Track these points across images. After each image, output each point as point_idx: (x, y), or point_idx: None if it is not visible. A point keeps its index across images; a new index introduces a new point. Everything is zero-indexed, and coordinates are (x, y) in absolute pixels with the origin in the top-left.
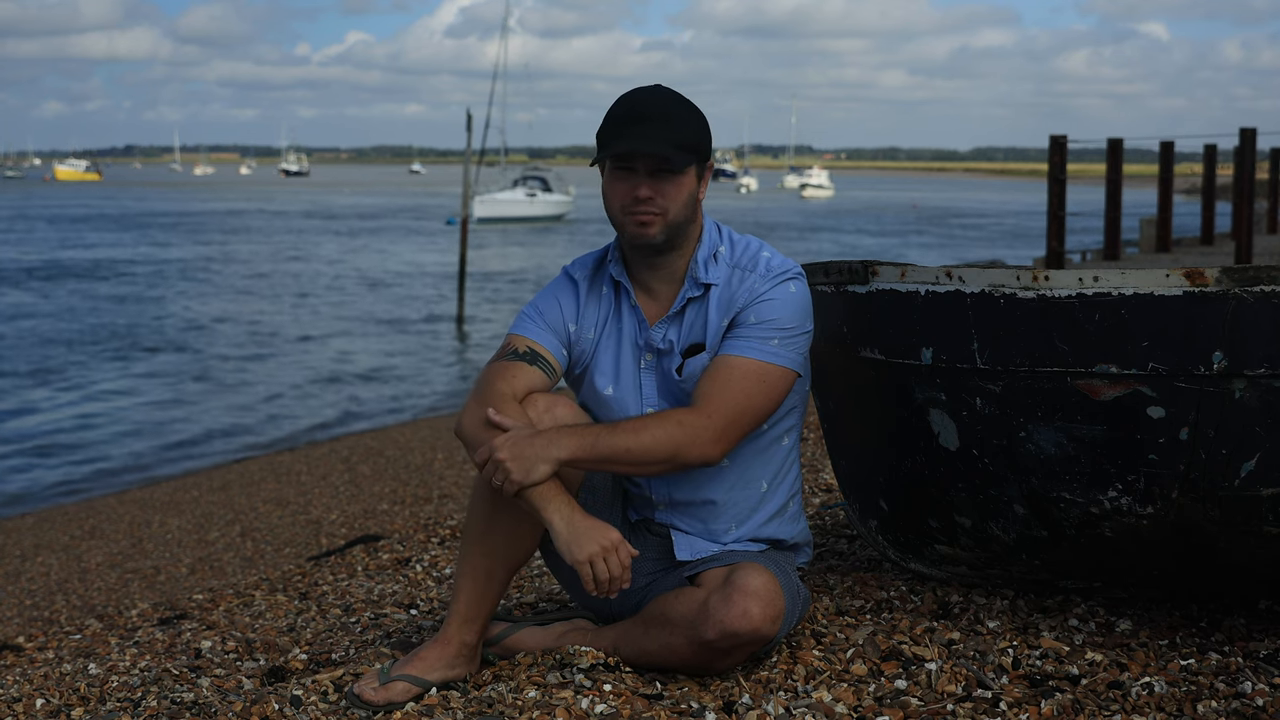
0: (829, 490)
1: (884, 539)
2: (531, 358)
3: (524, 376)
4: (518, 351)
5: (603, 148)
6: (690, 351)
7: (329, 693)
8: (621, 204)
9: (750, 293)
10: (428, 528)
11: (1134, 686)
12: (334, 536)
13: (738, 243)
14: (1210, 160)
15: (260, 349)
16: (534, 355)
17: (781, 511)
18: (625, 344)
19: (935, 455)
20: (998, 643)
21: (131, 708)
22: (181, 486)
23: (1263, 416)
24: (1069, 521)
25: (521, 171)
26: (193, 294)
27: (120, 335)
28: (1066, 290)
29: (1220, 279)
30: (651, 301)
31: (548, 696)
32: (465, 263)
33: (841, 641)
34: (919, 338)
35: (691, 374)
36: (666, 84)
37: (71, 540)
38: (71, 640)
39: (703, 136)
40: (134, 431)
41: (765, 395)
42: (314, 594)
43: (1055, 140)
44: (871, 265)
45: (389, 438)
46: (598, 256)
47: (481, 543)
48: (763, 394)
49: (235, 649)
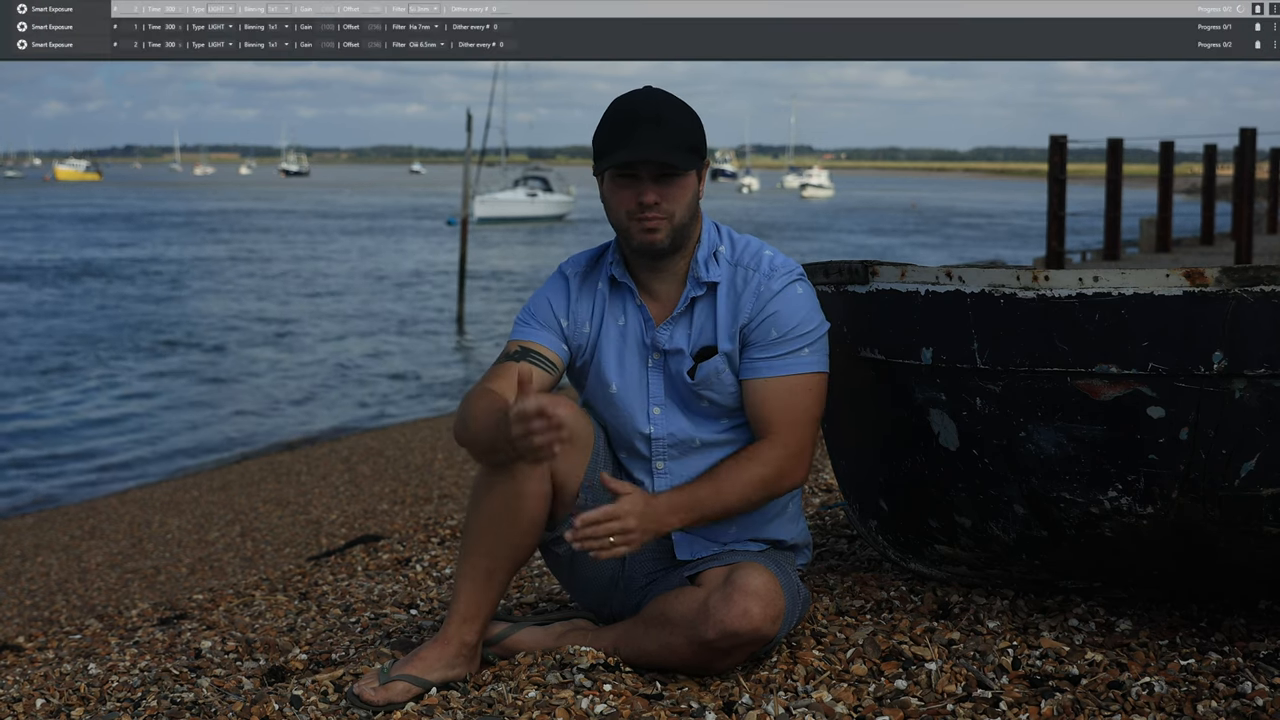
0: (829, 490)
1: (884, 539)
2: (520, 355)
3: (510, 376)
4: (508, 353)
5: (602, 156)
6: (702, 355)
7: (329, 693)
8: (626, 210)
9: (757, 295)
10: (428, 528)
11: (1134, 686)
12: (334, 536)
13: (738, 241)
14: (1210, 160)
15: (262, 348)
16: (524, 353)
17: (781, 512)
18: (630, 343)
19: (935, 455)
20: (998, 643)
21: (131, 708)
22: (181, 486)
23: (1263, 416)
24: (1069, 521)
25: (522, 171)
26: (208, 292)
27: (133, 334)
28: (1066, 290)
29: (1220, 279)
30: (655, 302)
31: (548, 696)
32: (465, 262)
33: (841, 641)
34: (919, 338)
35: (705, 377)
36: (668, 84)
37: (71, 540)
38: (71, 640)
39: (700, 136)
40: (134, 432)
41: (819, 403)
42: (314, 594)
43: (1055, 140)
44: (871, 265)
45: (389, 438)
46: (592, 254)
47: (482, 542)
48: (817, 404)
49: (235, 649)
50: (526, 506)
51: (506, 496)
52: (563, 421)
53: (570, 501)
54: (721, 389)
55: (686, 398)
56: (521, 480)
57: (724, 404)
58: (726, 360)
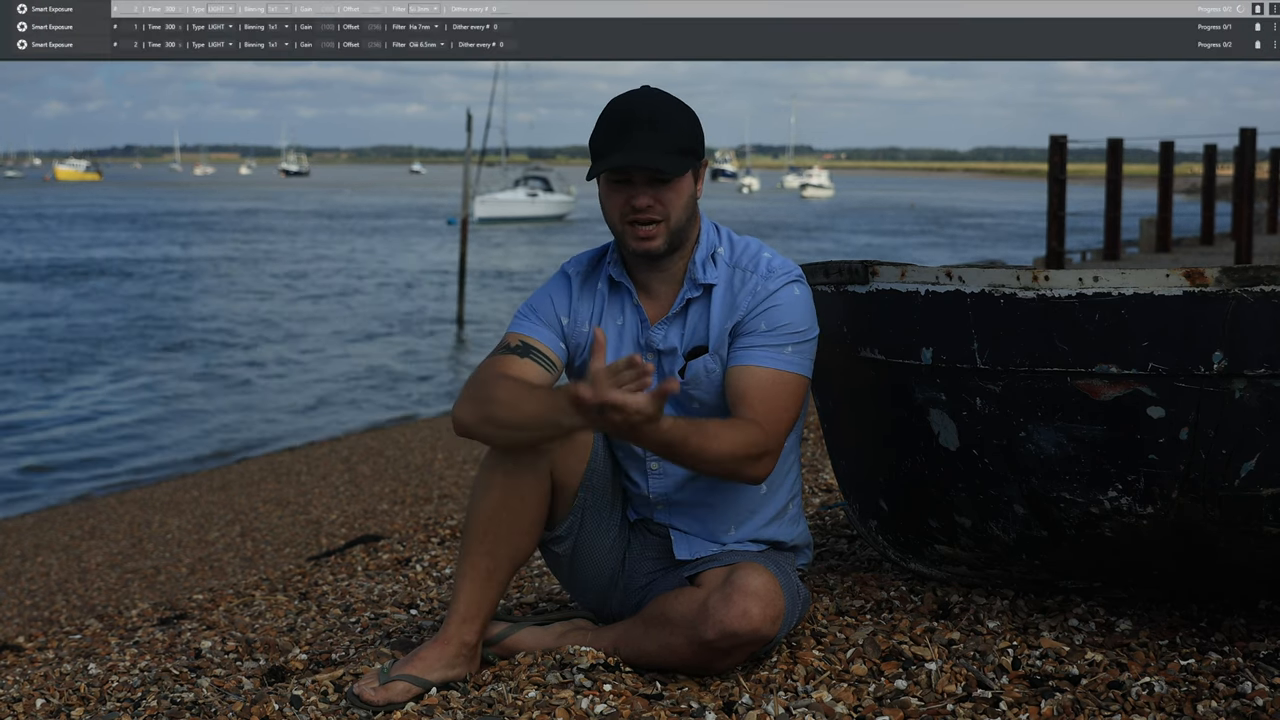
0: (829, 490)
1: (884, 539)
2: (523, 350)
3: (516, 367)
4: (510, 346)
5: (597, 158)
6: (693, 354)
7: (329, 693)
8: (620, 214)
9: (753, 294)
10: (428, 528)
11: (1134, 686)
12: (334, 536)
13: (737, 243)
14: (1210, 160)
15: (265, 349)
16: (526, 348)
17: (781, 514)
18: (626, 343)
19: (935, 455)
20: (998, 643)
21: (131, 708)
22: (181, 486)
23: (1263, 416)
24: (1069, 521)
25: (523, 171)
26: (208, 293)
27: (134, 335)
28: (1066, 290)
29: (1220, 279)
30: (652, 301)
31: (548, 696)
32: (465, 262)
33: (841, 641)
34: (919, 338)
35: (695, 376)
36: (668, 84)
37: (71, 540)
38: (71, 640)
39: (696, 137)
40: (135, 431)
41: (796, 406)
42: (314, 594)
43: (1055, 140)
44: (871, 265)
45: (389, 438)
46: (594, 254)
47: (482, 542)
48: (795, 405)
49: (235, 649)
50: (526, 506)
51: (506, 495)
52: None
53: (570, 501)
54: (710, 388)
55: (679, 398)
56: (521, 479)
57: (712, 404)
58: (718, 360)
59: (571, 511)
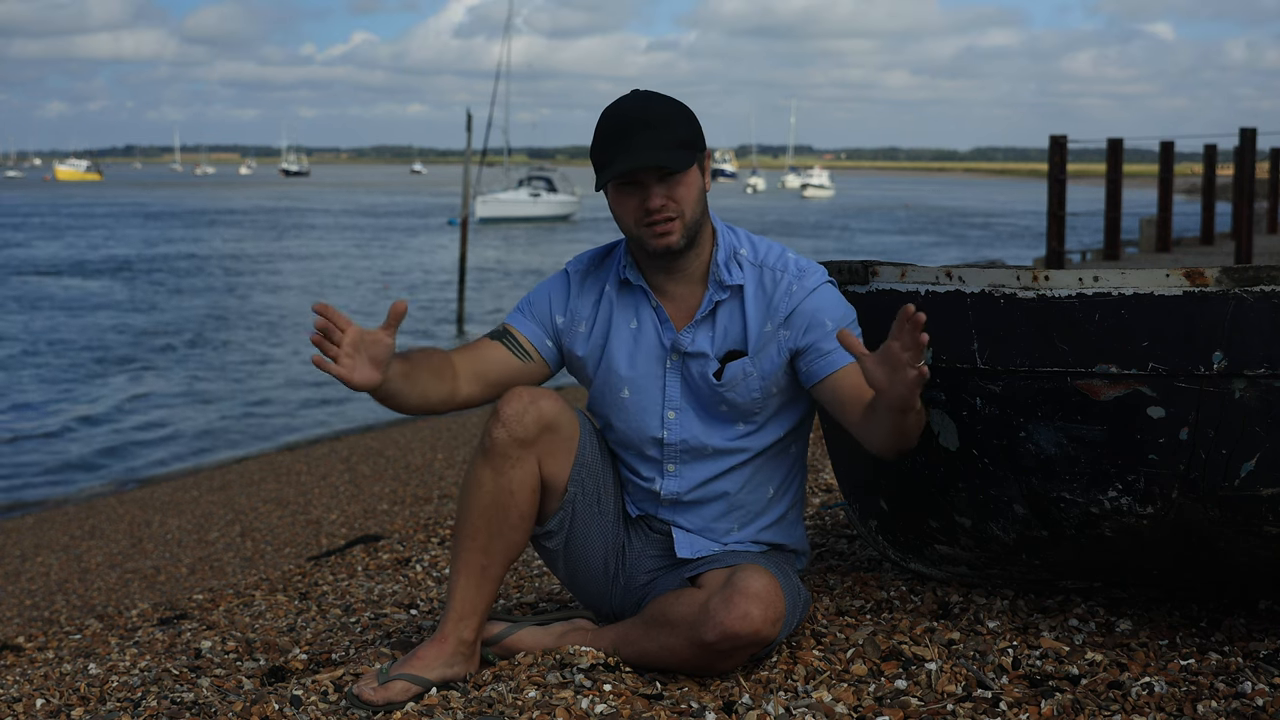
0: (829, 490)
1: (884, 539)
2: (499, 334)
3: (486, 347)
4: (493, 331)
5: (602, 168)
6: (729, 357)
7: (329, 693)
8: (635, 218)
9: (789, 293)
10: (428, 528)
11: (1134, 686)
12: (334, 536)
13: (758, 244)
14: (1210, 160)
15: (267, 349)
16: (503, 333)
17: (783, 518)
18: (643, 346)
19: (935, 455)
20: (998, 643)
21: (131, 708)
22: (181, 486)
23: (1263, 416)
24: (1069, 521)
25: (526, 171)
26: (207, 291)
27: (133, 334)
28: (1066, 290)
29: (1220, 279)
30: (671, 304)
31: (548, 696)
32: (465, 262)
33: (841, 641)
34: None
35: (732, 379)
36: (669, 84)
37: (71, 540)
38: (71, 640)
39: (694, 129)
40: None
41: None
42: (314, 594)
43: (1055, 140)
44: (871, 265)
45: (389, 438)
46: (597, 253)
47: (474, 539)
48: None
49: (235, 649)
50: (515, 500)
51: (495, 491)
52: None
53: (559, 497)
54: (745, 392)
55: (706, 401)
56: (510, 475)
57: (744, 407)
58: (756, 364)
59: (561, 507)
